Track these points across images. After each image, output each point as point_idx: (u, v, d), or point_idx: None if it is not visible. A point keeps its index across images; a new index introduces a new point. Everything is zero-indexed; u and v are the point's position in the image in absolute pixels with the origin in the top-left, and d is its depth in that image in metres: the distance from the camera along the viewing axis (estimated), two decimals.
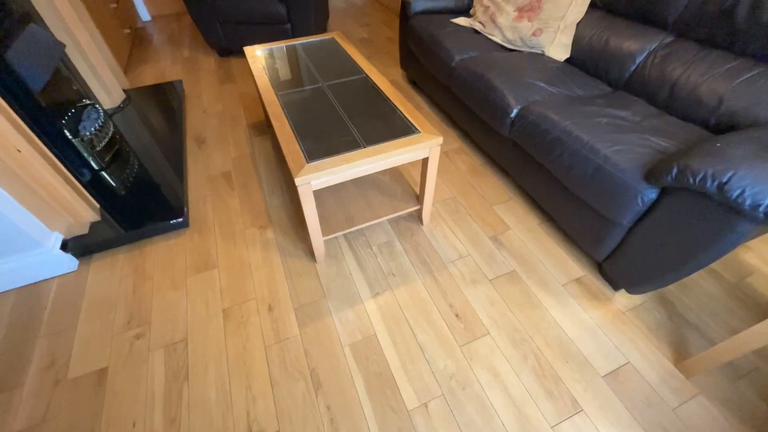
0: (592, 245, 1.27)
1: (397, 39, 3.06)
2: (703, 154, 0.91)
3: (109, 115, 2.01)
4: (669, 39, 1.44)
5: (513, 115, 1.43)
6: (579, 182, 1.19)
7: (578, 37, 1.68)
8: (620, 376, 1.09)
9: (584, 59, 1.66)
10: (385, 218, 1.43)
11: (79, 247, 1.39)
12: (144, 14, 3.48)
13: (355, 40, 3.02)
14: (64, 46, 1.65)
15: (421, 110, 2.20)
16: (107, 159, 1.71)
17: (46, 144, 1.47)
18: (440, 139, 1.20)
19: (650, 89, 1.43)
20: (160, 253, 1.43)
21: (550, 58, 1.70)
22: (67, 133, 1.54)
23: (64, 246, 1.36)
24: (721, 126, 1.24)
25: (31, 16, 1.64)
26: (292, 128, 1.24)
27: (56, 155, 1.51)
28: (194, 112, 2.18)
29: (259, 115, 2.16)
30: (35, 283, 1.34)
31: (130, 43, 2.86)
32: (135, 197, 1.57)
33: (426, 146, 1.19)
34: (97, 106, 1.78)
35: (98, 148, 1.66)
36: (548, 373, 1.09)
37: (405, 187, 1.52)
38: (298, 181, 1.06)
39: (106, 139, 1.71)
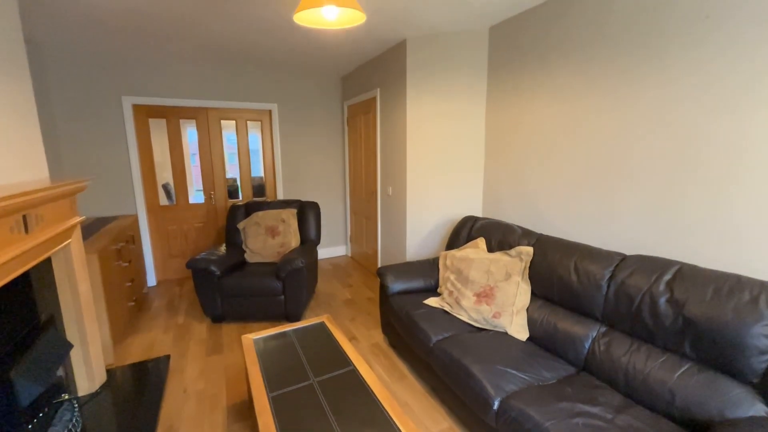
0: None
1: (377, 299, 3.49)
2: None
3: (81, 404, 1.92)
4: (603, 329, 1.76)
5: (495, 407, 1.50)
6: None
7: (531, 319, 2.02)
8: None
9: (542, 339, 1.93)
10: None
11: None
12: (152, 280, 3.93)
13: (340, 302, 3.42)
14: (72, 347, 1.77)
15: (405, 380, 2.25)
16: None
17: None
18: None
19: (608, 374, 1.61)
20: None
21: (513, 337, 1.97)
22: None
23: None
24: (685, 419, 1.34)
25: (53, 320, 1.84)
26: None
27: None
28: (174, 393, 2.12)
29: (241, 393, 2.13)
30: None
31: (130, 313, 3.08)
32: None
33: None
34: (74, 402, 1.73)
35: None
36: None
37: None
38: None
39: None
